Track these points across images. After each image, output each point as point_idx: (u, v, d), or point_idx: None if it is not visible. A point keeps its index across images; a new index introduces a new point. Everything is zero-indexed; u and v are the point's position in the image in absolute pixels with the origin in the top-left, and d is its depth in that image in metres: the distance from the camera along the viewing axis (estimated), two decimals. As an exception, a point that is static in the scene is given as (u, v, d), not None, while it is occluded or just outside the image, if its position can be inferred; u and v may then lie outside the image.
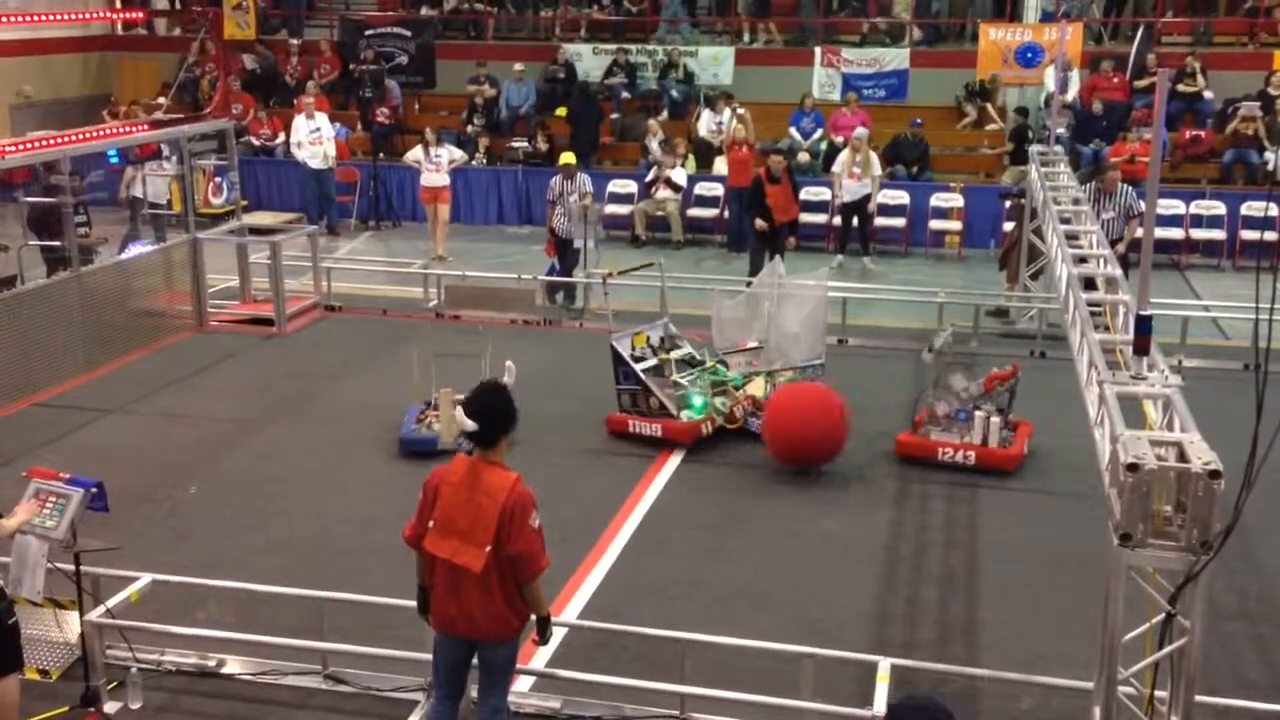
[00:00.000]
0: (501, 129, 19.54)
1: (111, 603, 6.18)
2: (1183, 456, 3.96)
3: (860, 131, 16.42)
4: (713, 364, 10.33)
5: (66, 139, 11.42)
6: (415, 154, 16.54)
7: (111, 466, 8.47)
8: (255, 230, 14.00)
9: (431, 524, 5.08)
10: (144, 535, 7.79)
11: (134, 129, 12.98)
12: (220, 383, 11.38)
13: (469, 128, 19.26)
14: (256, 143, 19.48)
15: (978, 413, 9.21)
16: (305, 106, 17.75)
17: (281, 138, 19.18)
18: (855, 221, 16.31)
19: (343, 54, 20.90)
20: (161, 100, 18.21)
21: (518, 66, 19.76)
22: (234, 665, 6.44)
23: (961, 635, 6.95)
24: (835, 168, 16.36)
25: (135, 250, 12.58)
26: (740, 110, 17.46)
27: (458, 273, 14.09)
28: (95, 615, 6.09)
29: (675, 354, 10.30)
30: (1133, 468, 3.85)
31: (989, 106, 18.76)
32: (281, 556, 7.69)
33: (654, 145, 18.03)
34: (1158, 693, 4.25)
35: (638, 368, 9.84)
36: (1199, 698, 4.23)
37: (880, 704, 5.47)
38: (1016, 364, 9.86)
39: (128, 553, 6.68)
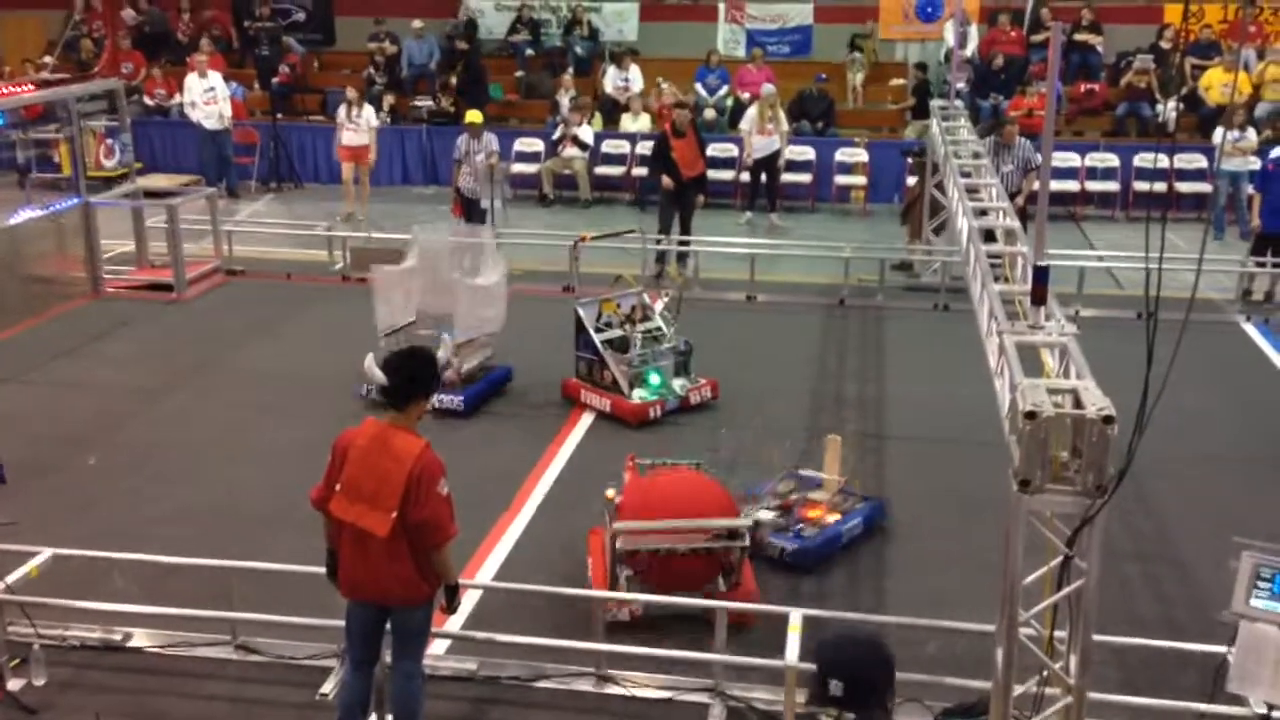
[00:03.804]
0: (404, 87, 19.21)
1: (11, 578, 6.03)
2: (1078, 403, 4.06)
3: (768, 88, 16.45)
4: (673, 339, 9.74)
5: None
6: (340, 114, 16.29)
7: (6, 438, 8.23)
8: (151, 194, 13.62)
9: (338, 487, 5.03)
10: (43, 508, 7.59)
11: (19, 89, 12.50)
12: (118, 350, 11.09)
13: (374, 87, 18.88)
14: (150, 103, 18.89)
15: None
16: (198, 65, 17.23)
17: (176, 98, 18.62)
18: (763, 178, 16.37)
19: (237, 10, 20.31)
20: (47, 59, 17.57)
21: (416, 24, 19.41)
22: (141, 638, 6.33)
23: (869, 582, 7.09)
24: (744, 125, 16.37)
25: (22, 215, 12.14)
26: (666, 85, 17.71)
27: (363, 234, 13.87)
28: (-7, 592, 5.94)
29: (642, 326, 9.81)
30: (1031, 415, 3.95)
31: (858, 59, 18.90)
32: (186, 526, 7.55)
33: (565, 102, 17.89)
34: (1057, 633, 4.39)
35: (597, 338, 9.50)
36: (1096, 637, 4.38)
37: (792, 654, 5.57)
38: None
39: (26, 527, 6.52)
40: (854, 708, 3.88)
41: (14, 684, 5.91)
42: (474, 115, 14.14)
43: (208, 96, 17.08)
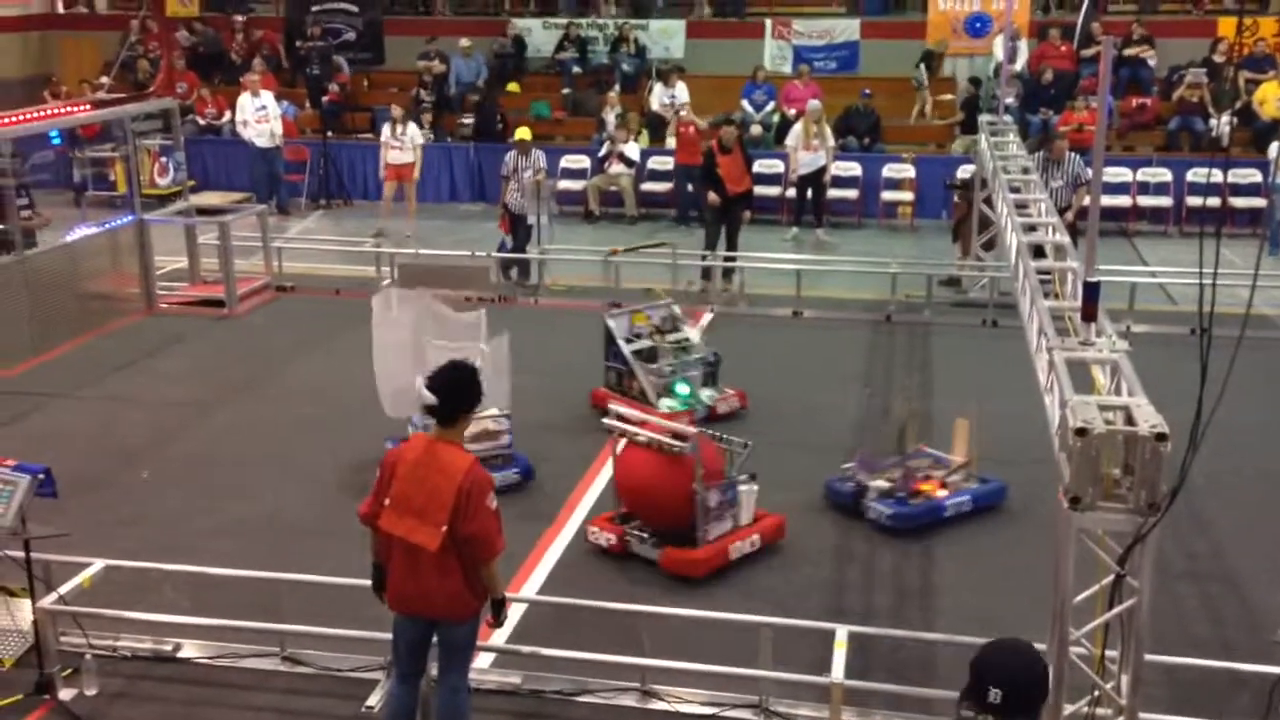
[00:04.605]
0: (452, 105, 19.37)
1: (64, 589, 6.11)
2: (1130, 420, 4.01)
3: (814, 104, 16.43)
4: (702, 350, 9.90)
5: (7, 120, 11.19)
6: (385, 133, 16.50)
7: (60, 452, 8.35)
8: (203, 211, 13.82)
9: (387, 502, 5.06)
10: (96, 521, 7.69)
11: (76, 109, 12.75)
12: (171, 366, 11.25)
13: (420, 105, 19.07)
14: (202, 122, 19.19)
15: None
16: (251, 84, 17.50)
17: (227, 116, 18.91)
18: (809, 193, 16.33)
19: (289, 31, 20.61)
20: (104, 80, 17.91)
21: (464, 42, 19.60)
22: (190, 649, 6.40)
23: (917, 600, 7.03)
24: (790, 140, 16.36)
25: (79, 232, 12.37)
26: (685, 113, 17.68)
27: (411, 250, 13.99)
28: (47, 602, 6.01)
29: (671, 337, 9.96)
30: (1081, 432, 3.90)
31: (924, 75, 18.76)
32: (236, 539, 7.63)
33: (611, 119, 17.96)
34: (1108, 652, 4.32)
35: (627, 349, 9.63)
36: (1148, 656, 4.31)
37: (838, 670, 5.52)
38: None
39: (80, 539, 6.60)
40: (1008, 716, 3.85)
41: (66, 693, 5.98)
42: (523, 132, 14.25)
43: (259, 115, 17.33)
